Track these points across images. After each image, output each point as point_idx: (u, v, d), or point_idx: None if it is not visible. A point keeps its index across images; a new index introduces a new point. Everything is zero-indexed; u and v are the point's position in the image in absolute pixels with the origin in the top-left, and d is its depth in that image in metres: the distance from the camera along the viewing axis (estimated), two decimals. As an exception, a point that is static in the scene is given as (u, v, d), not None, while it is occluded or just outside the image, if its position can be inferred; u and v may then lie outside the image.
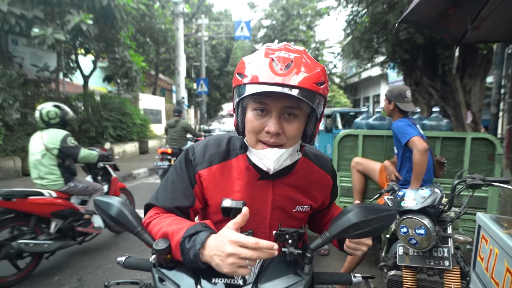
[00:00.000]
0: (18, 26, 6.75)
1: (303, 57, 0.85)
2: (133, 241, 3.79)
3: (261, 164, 0.90)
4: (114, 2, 7.82)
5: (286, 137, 0.87)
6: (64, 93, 9.78)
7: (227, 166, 0.99)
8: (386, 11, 6.22)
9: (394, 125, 2.54)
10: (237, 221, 0.75)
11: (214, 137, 1.07)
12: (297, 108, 0.86)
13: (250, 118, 0.88)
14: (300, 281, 0.80)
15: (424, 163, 2.29)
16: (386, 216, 0.80)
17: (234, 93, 0.89)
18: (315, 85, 0.81)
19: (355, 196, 2.99)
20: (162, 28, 13.57)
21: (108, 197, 0.94)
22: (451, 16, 1.90)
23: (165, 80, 21.37)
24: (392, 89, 2.62)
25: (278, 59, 0.82)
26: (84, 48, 9.33)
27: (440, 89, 6.81)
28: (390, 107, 2.60)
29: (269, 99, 0.84)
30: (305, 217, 1.08)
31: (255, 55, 0.88)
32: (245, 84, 0.83)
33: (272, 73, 0.80)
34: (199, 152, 1.00)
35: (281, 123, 0.86)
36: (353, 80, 25.64)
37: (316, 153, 1.10)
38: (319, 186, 1.07)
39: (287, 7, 26.02)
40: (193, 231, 0.79)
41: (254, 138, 0.89)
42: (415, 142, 2.32)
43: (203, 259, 0.76)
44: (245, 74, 0.84)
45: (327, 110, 10.79)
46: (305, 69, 0.82)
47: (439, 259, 1.67)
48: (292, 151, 0.90)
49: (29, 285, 2.83)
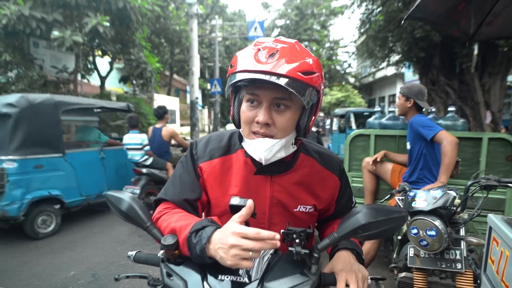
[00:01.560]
0: (39, 29, 6.98)
1: (292, 47, 0.86)
2: (146, 239, 3.87)
3: (254, 154, 0.91)
4: (129, 4, 7.98)
5: (276, 127, 0.88)
6: (82, 93, 10.03)
7: (227, 160, 1.01)
8: (401, 9, 6.11)
9: (415, 119, 2.45)
10: (241, 214, 0.77)
11: (217, 132, 1.10)
12: (287, 99, 0.86)
13: (243, 109, 0.91)
14: (306, 281, 0.78)
15: (455, 156, 2.22)
16: (396, 218, 0.78)
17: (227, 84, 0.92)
18: (300, 74, 0.81)
19: (366, 196, 2.96)
20: (177, 29, 13.74)
21: (119, 192, 0.97)
22: (462, 12, 1.85)
23: (179, 80, 21.63)
24: (410, 86, 2.55)
25: (264, 48, 0.84)
26: (101, 49, 9.55)
27: (458, 88, 6.63)
28: (408, 104, 2.52)
29: (259, 90, 0.86)
30: (309, 218, 1.04)
31: (247, 47, 0.90)
32: (233, 73, 0.85)
33: (256, 61, 0.82)
34: (201, 146, 1.04)
35: (270, 114, 0.87)
36: (368, 80, 25.27)
37: (321, 151, 1.07)
38: (324, 186, 1.04)
39: (301, 7, 25.90)
40: (199, 226, 0.81)
41: (248, 129, 0.92)
42: (444, 134, 2.24)
43: (209, 253, 0.77)
44: (234, 65, 0.86)
45: (341, 110, 10.70)
46: (290, 58, 0.82)
47: (451, 261, 1.64)
48: (285, 143, 0.91)
49: (47, 279, 2.93)
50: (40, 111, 4.01)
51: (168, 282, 0.82)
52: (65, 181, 4.27)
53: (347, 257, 0.91)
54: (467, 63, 6.27)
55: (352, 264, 0.88)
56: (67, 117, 4.49)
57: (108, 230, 4.28)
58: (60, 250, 3.59)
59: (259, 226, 0.98)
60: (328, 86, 25.31)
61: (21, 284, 2.85)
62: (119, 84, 12.77)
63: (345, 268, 0.86)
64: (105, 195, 0.99)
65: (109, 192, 0.98)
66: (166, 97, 16.24)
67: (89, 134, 5.09)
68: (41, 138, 4.04)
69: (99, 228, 4.36)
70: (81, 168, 4.49)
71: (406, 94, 2.52)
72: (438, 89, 6.96)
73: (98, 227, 4.43)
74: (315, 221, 1.11)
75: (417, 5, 1.80)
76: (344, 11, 8.99)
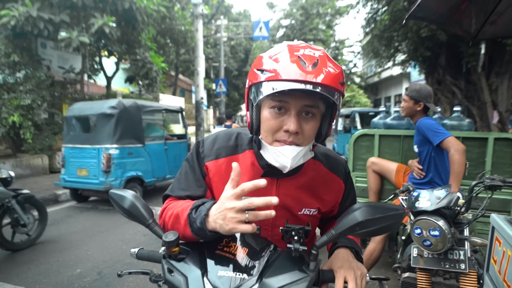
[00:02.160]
0: (46, 30, 7.08)
1: (326, 56, 0.84)
2: (151, 238, 3.90)
3: (275, 162, 0.88)
4: (135, 5, 8.05)
5: (304, 136, 0.86)
6: (88, 93, 10.14)
7: (234, 160, 0.99)
8: (406, 8, 6.06)
9: (422, 123, 2.42)
10: (232, 178, 0.78)
11: (224, 131, 1.08)
12: (315, 107, 0.85)
13: (267, 116, 0.86)
14: (304, 278, 0.79)
15: (464, 163, 2.19)
16: (393, 215, 0.79)
17: (252, 90, 0.87)
18: (339, 84, 0.81)
19: (370, 196, 2.95)
20: (182, 30, 13.82)
21: (122, 190, 0.99)
22: (464, 11, 1.82)
23: (184, 80, 21.73)
24: (419, 89, 2.51)
25: (305, 57, 0.80)
26: (107, 50, 9.65)
27: (464, 88, 6.56)
28: (417, 108, 2.48)
29: (289, 97, 0.82)
30: (312, 221, 1.03)
31: (277, 52, 0.85)
32: (270, 80, 0.80)
33: (301, 70, 0.78)
34: (208, 145, 1.03)
35: (300, 122, 0.84)
36: (373, 80, 25.13)
37: (327, 154, 1.07)
38: (329, 189, 1.03)
39: (306, 6, 25.84)
40: (199, 203, 0.85)
41: (271, 138, 0.88)
42: (452, 142, 2.22)
43: (209, 226, 0.79)
44: (269, 70, 0.81)
45: (346, 110, 10.67)
46: (330, 68, 0.81)
47: (454, 262, 1.63)
48: (307, 150, 0.89)
49: (53, 277, 2.97)
50: (130, 112, 5.49)
51: (169, 278, 0.83)
52: (144, 165, 5.74)
53: (346, 254, 0.92)
54: (474, 63, 6.20)
55: (351, 261, 0.89)
56: (145, 117, 5.97)
57: (114, 230, 4.33)
58: (66, 249, 3.64)
59: (262, 228, 0.99)
60: (334, 86, 25.17)
61: (28, 281, 2.89)
62: (125, 84, 12.88)
63: (343, 266, 0.86)
64: (109, 193, 1.00)
65: (112, 190, 1.00)
66: (172, 97, 16.31)
67: (157, 130, 6.69)
68: (131, 132, 5.49)
69: (104, 227, 4.41)
70: (154, 156, 5.95)
71: (415, 98, 2.46)
72: (444, 89, 6.89)
73: (104, 226, 4.48)
74: (317, 223, 1.11)
75: (418, 4, 1.78)
76: (350, 10, 8.95)
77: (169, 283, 0.83)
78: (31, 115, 7.43)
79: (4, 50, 7.71)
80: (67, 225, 4.47)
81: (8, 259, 3.35)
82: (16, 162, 7.12)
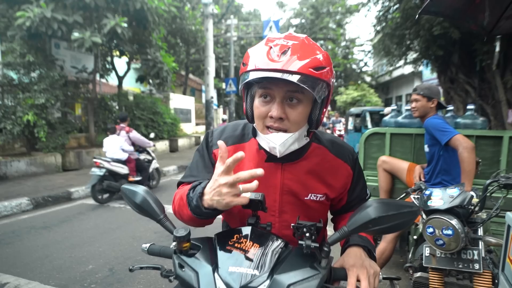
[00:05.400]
0: (60, 30, 7.20)
1: (302, 43, 0.87)
2: (161, 235, 3.94)
3: (268, 148, 0.93)
4: (146, 6, 8.13)
5: (290, 122, 0.90)
6: (100, 93, 10.30)
7: (240, 148, 1.04)
8: (418, 6, 5.97)
9: (429, 122, 2.38)
10: (220, 156, 0.81)
11: (232, 122, 1.14)
12: (299, 93, 0.88)
13: (256, 104, 0.93)
14: (316, 275, 0.78)
15: (474, 161, 2.14)
16: (407, 212, 0.77)
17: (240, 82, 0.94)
18: (312, 70, 0.83)
19: (381, 195, 2.91)
20: (192, 29, 13.90)
21: (134, 186, 1.00)
22: (479, 6, 1.78)
23: (195, 80, 21.84)
24: (429, 87, 2.47)
25: (276, 46, 0.85)
26: (119, 50, 9.77)
27: (478, 86, 6.42)
28: (431, 105, 2.43)
29: (272, 85, 0.88)
30: (320, 208, 1.04)
31: (258, 45, 0.91)
32: (247, 71, 0.87)
33: (268, 59, 0.83)
34: (216, 135, 1.09)
35: (283, 108, 0.89)
36: (384, 79, 24.81)
37: (334, 141, 1.08)
38: (336, 175, 1.04)
39: (317, 5, 25.69)
40: (197, 183, 0.90)
41: (261, 124, 0.93)
42: (459, 140, 2.17)
43: (205, 204, 0.83)
44: (247, 63, 0.88)
45: (357, 109, 10.56)
46: (302, 54, 0.83)
47: (468, 261, 1.60)
48: (298, 136, 0.93)
49: (66, 272, 3.02)
50: None
51: (180, 273, 0.83)
52: None
53: (358, 252, 0.91)
54: (488, 61, 6.06)
55: (364, 259, 0.88)
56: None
57: (125, 227, 4.38)
58: (79, 245, 3.70)
59: (269, 213, 1.00)
60: (344, 85, 24.99)
61: (42, 276, 2.95)
62: (136, 83, 13.03)
63: (356, 264, 0.86)
64: (121, 188, 1.02)
65: (124, 186, 1.01)
66: (182, 96, 16.43)
67: None
68: None
69: (116, 224, 4.47)
70: None
71: (428, 95, 2.43)
72: (457, 88, 6.77)
73: (115, 223, 4.54)
74: (327, 211, 1.11)
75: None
76: (360, 9, 8.86)
77: (180, 279, 0.84)
78: (45, 114, 7.57)
79: (19, 51, 7.89)
80: (79, 222, 4.54)
81: (23, 255, 3.42)
82: (30, 160, 7.27)
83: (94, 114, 9.51)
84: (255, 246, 0.85)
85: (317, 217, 1.00)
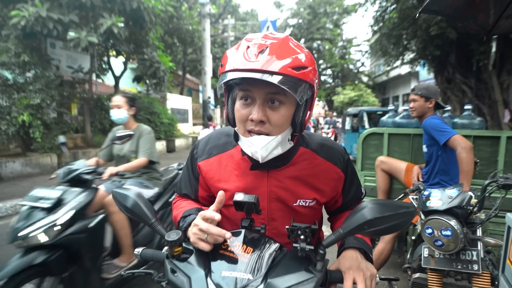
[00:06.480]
0: (56, 30, 7.14)
1: (282, 42, 0.83)
2: (158, 236, 3.91)
3: (250, 152, 0.90)
4: (143, 5, 8.08)
5: (271, 125, 0.86)
6: (96, 93, 10.24)
7: (225, 157, 1.03)
8: (415, 6, 5.98)
9: (427, 122, 2.37)
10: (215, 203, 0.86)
11: (217, 131, 1.12)
12: (281, 94, 0.84)
13: (237, 107, 0.89)
14: (311, 278, 0.77)
15: (472, 161, 2.13)
16: (403, 213, 0.75)
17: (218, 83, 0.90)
18: (292, 70, 0.79)
19: (379, 196, 2.90)
20: (189, 29, 13.86)
21: (124, 189, 0.97)
22: (479, 5, 1.77)
23: (192, 80, 21.80)
24: (427, 87, 2.46)
25: (254, 45, 0.81)
26: (115, 49, 9.71)
27: (475, 86, 6.45)
28: (429, 105, 2.42)
29: (252, 87, 0.84)
30: (311, 213, 1.02)
31: (236, 45, 0.87)
32: (224, 72, 0.83)
33: (245, 59, 0.79)
34: (201, 146, 1.09)
35: (265, 111, 0.85)
36: (381, 79, 24.90)
37: (323, 144, 1.04)
38: (326, 179, 1.01)
39: (314, 5, 25.75)
40: (187, 214, 0.95)
41: (243, 127, 0.89)
42: (458, 140, 2.16)
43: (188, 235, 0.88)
44: (224, 64, 0.84)
45: (354, 109, 10.57)
46: (281, 54, 0.80)
47: (467, 262, 1.59)
48: (281, 139, 0.88)
49: (61, 274, 2.98)
50: None
51: (172, 278, 0.81)
52: None
53: (355, 255, 0.89)
54: (485, 61, 6.09)
55: (360, 262, 0.86)
56: None
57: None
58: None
59: (258, 221, 0.98)
60: (341, 85, 25.05)
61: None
62: (132, 83, 12.96)
63: (352, 266, 0.84)
64: (112, 193, 0.99)
65: (115, 190, 0.98)
66: (179, 96, 16.37)
67: None
68: None
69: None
70: None
71: (426, 95, 2.41)
72: (454, 88, 6.79)
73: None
74: (319, 215, 1.09)
75: None
76: (357, 9, 8.85)
77: (172, 284, 0.82)
78: (40, 114, 7.50)
79: (14, 50, 7.80)
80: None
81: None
82: (26, 161, 7.21)
83: (90, 114, 9.45)
84: (249, 249, 0.83)
85: (309, 222, 0.97)
